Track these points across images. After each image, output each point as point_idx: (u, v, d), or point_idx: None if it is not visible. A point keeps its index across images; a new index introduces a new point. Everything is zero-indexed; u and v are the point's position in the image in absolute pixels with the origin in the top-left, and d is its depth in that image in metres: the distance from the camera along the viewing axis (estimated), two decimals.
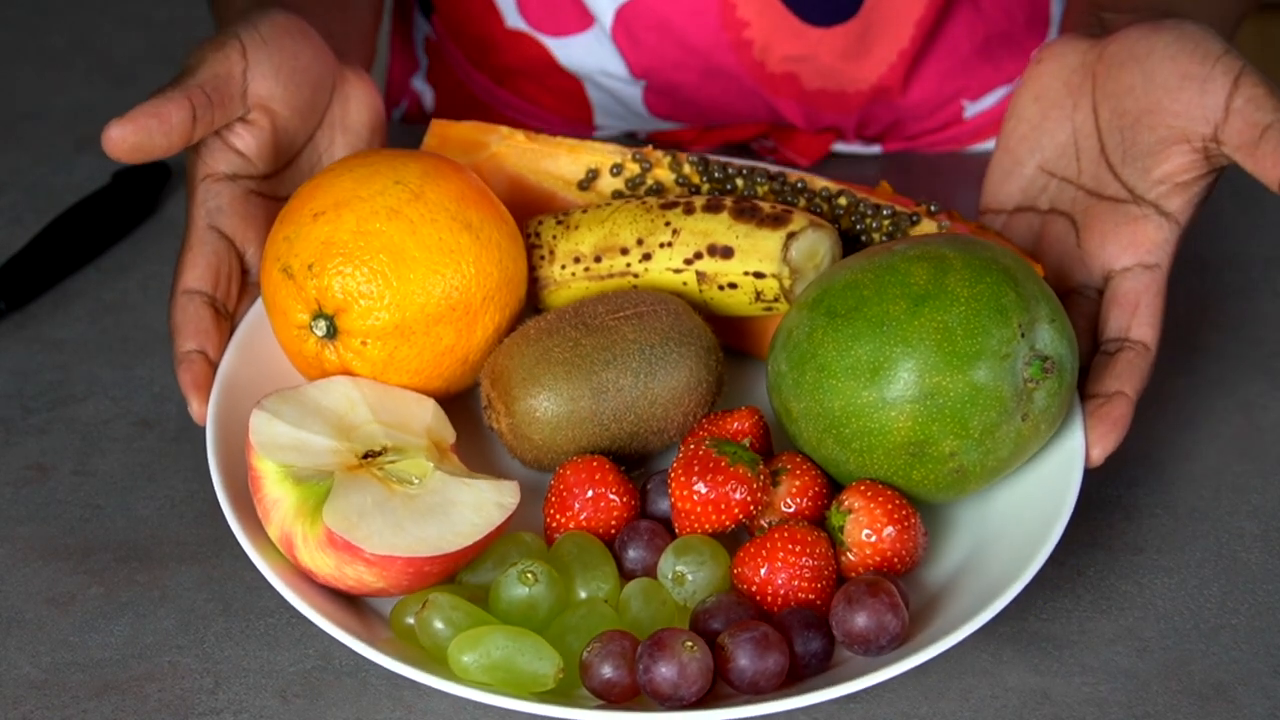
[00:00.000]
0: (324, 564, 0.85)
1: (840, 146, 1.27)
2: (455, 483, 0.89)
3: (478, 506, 0.88)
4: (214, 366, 0.95)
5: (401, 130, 1.33)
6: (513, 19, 1.23)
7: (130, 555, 0.95)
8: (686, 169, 1.03)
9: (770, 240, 0.96)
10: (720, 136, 1.26)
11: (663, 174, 1.03)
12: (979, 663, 0.89)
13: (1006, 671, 0.89)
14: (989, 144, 1.27)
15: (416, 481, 0.88)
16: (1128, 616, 0.92)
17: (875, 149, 1.27)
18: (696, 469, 0.88)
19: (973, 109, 1.26)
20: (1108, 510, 0.98)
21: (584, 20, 1.21)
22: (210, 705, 0.87)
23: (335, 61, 1.02)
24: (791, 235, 0.96)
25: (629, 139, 1.29)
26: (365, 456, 0.89)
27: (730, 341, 1.01)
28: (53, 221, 1.15)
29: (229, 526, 0.96)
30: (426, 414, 0.93)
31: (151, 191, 1.20)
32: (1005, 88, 1.26)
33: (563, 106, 1.27)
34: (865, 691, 0.87)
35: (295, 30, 0.99)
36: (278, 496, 0.87)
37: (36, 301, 1.12)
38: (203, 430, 1.02)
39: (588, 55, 1.22)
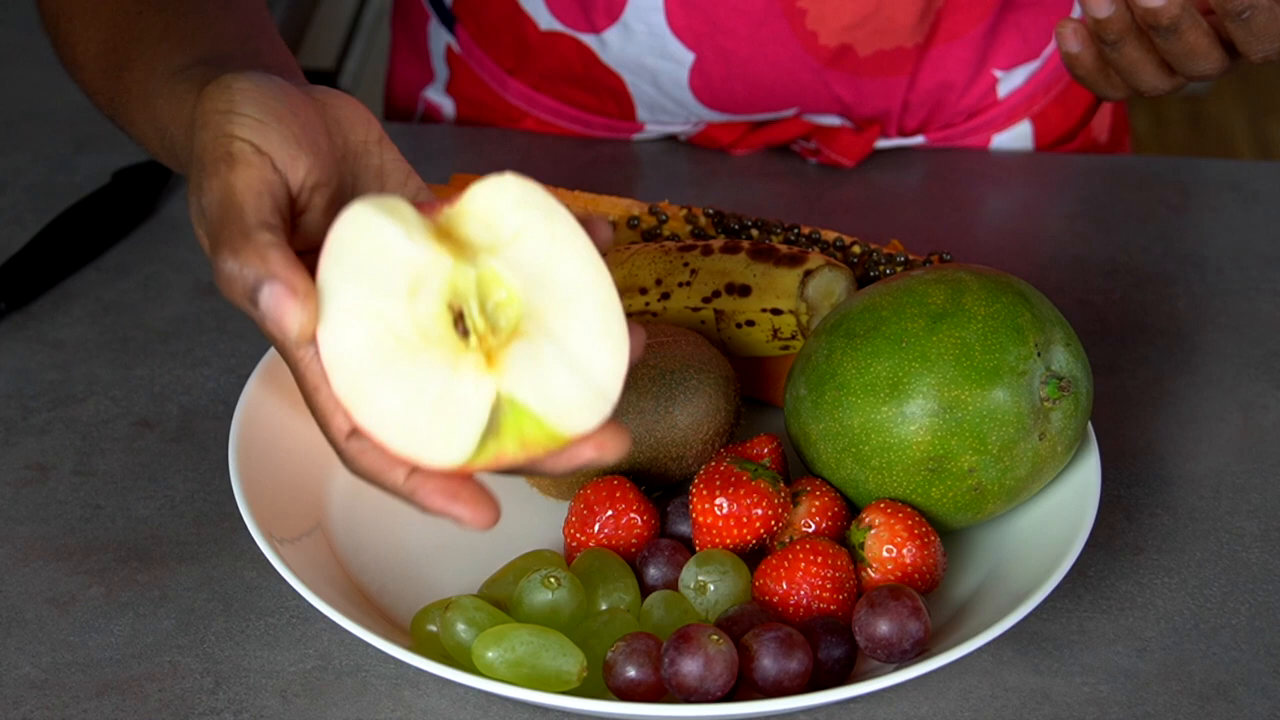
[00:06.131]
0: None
1: (883, 143, 1.27)
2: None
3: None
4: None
5: (414, 132, 1.32)
6: (546, 21, 1.23)
7: (130, 555, 0.95)
8: (702, 221, 1.05)
9: (787, 278, 0.97)
10: (762, 138, 1.26)
11: (678, 226, 1.06)
12: (979, 663, 0.89)
13: (1006, 671, 0.89)
14: (1024, 127, 1.28)
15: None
16: (1128, 616, 0.92)
17: (919, 139, 1.27)
18: (718, 484, 0.88)
19: (1006, 85, 1.26)
20: (1108, 510, 0.98)
21: (614, 9, 1.20)
22: (210, 705, 0.87)
23: (309, 97, 0.81)
24: (809, 273, 0.97)
25: (671, 141, 1.29)
26: (458, 320, 0.72)
27: (745, 387, 1.01)
28: (53, 221, 1.15)
29: (228, 528, 0.96)
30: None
31: (151, 191, 1.20)
32: (1034, 64, 1.26)
33: (605, 104, 1.27)
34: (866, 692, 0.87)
35: (275, 94, 0.78)
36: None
37: (36, 301, 1.12)
38: (203, 431, 1.03)
39: (629, 43, 1.22)
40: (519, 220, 0.71)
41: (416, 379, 0.70)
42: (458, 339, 0.70)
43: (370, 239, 0.70)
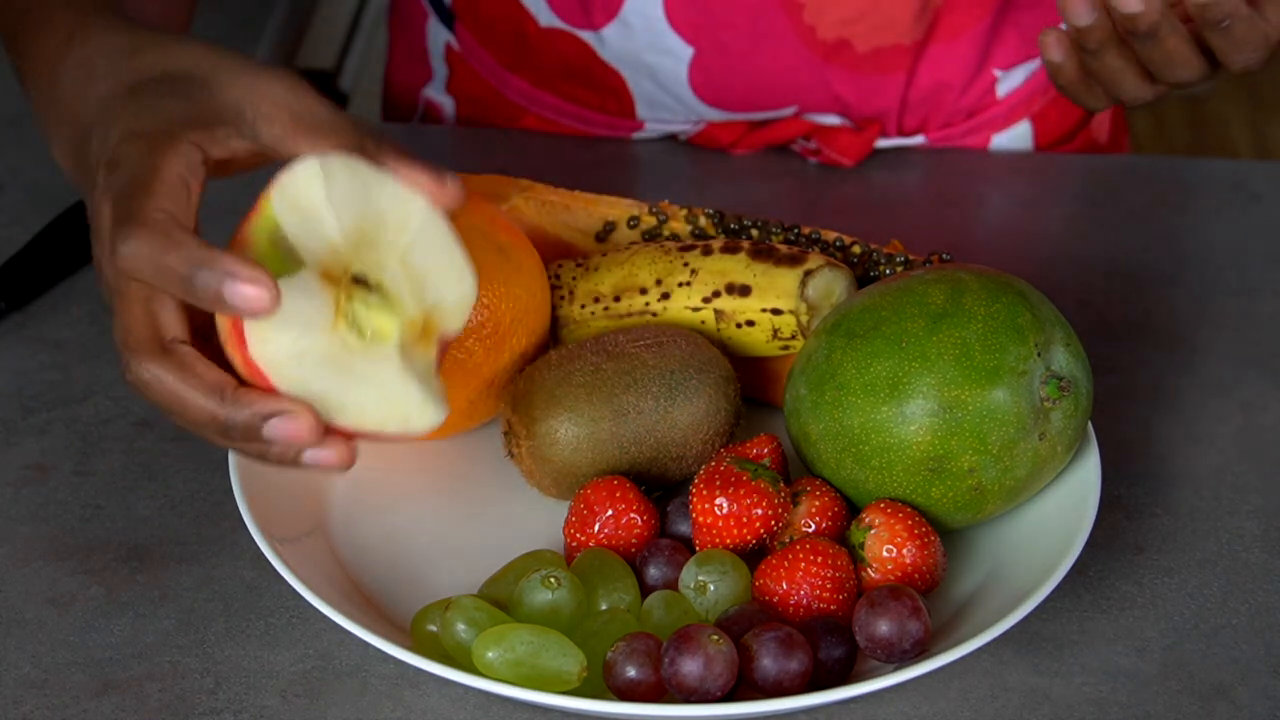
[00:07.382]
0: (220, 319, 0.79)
1: (883, 142, 1.27)
2: (394, 368, 0.79)
3: (385, 402, 0.79)
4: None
5: (413, 132, 1.33)
6: (546, 18, 1.23)
7: (130, 555, 0.95)
8: (702, 221, 1.05)
9: (787, 278, 0.97)
10: (762, 138, 1.26)
11: (678, 226, 1.05)
12: (979, 663, 0.89)
13: (1006, 671, 0.89)
14: (1023, 127, 1.28)
15: (365, 337, 0.79)
16: (1128, 616, 0.92)
17: (918, 139, 1.27)
18: (718, 484, 0.88)
19: (1005, 85, 1.26)
20: (1108, 510, 0.98)
21: (611, 5, 1.21)
22: (210, 705, 0.87)
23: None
24: (809, 273, 0.97)
25: (671, 141, 1.28)
26: (355, 279, 0.79)
27: (745, 387, 1.01)
28: (53, 221, 1.15)
29: (228, 528, 0.96)
30: (455, 289, 0.82)
31: None
32: (1033, 63, 1.26)
33: (605, 101, 1.27)
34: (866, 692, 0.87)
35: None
36: (250, 241, 0.78)
37: (36, 301, 1.12)
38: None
39: (629, 39, 1.22)
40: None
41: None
42: (368, 341, 0.79)
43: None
